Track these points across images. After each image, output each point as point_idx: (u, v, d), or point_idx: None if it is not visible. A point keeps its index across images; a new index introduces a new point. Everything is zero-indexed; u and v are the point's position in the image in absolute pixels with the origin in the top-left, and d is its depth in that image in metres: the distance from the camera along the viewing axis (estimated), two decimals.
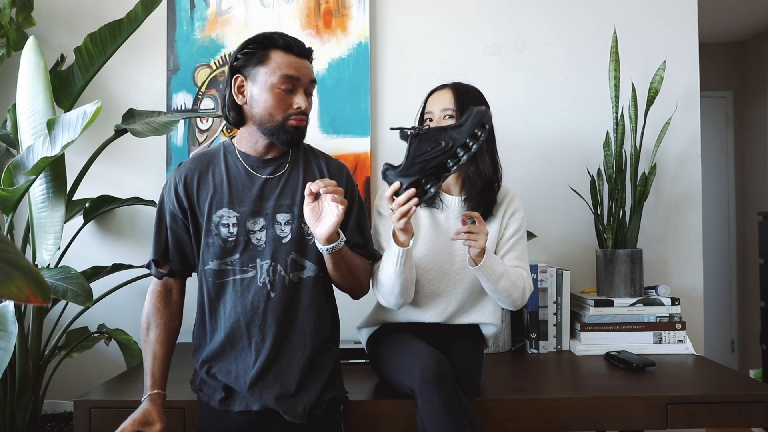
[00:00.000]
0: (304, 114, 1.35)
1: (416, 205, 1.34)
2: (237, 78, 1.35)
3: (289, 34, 1.36)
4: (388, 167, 1.38)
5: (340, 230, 1.32)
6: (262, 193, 1.36)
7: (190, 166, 1.39)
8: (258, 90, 1.32)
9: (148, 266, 1.41)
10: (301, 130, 1.36)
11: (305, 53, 1.36)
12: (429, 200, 1.58)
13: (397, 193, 1.35)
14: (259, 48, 1.32)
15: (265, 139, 1.36)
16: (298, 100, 1.33)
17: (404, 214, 1.34)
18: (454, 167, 1.35)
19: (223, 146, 1.42)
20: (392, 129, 1.39)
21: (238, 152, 1.39)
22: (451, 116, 1.54)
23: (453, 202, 1.61)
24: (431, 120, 1.58)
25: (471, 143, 1.35)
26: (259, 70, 1.32)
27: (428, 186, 1.35)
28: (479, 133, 1.35)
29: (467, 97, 1.55)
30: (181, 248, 1.40)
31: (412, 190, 1.33)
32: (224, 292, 1.35)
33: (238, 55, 1.34)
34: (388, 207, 1.38)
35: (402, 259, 1.41)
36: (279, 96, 1.31)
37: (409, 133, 1.36)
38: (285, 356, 1.34)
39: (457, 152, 1.35)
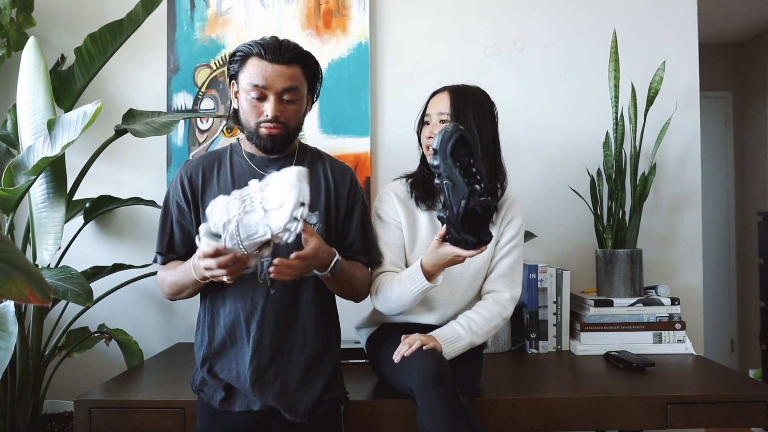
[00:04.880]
0: (275, 122, 1.33)
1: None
2: (233, 84, 1.39)
3: (275, 39, 1.33)
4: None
5: (336, 252, 1.32)
6: None
7: (197, 162, 1.43)
8: (240, 96, 1.36)
9: (154, 261, 1.44)
10: (276, 138, 1.35)
11: (285, 60, 1.32)
12: (429, 203, 1.58)
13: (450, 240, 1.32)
14: (243, 56, 1.34)
15: None
16: (266, 108, 1.33)
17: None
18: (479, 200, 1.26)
19: (231, 146, 1.45)
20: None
21: (244, 152, 1.42)
22: (446, 120, 1.53)
23: None
24: (428, 123, 1.58)
25: (465, 177, 1.24)
26: (240, 77, 1.35)
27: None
28: (457, 161, 1.24)
29: (464, 101, 1.53)
30: (188, 240, 1.41)
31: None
32: (224, 288, 1.35)
33: (229, 63, 1.38)
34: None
35: (424, 293, 1.43)
36: (251, 103, 1.34)
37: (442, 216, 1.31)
38: (284, 354, 1.35)
39: (475, 193, 1.25)
